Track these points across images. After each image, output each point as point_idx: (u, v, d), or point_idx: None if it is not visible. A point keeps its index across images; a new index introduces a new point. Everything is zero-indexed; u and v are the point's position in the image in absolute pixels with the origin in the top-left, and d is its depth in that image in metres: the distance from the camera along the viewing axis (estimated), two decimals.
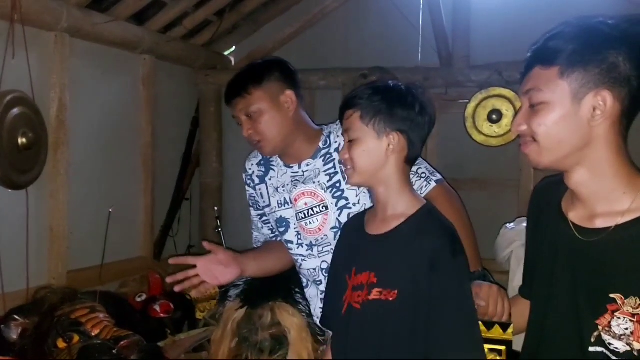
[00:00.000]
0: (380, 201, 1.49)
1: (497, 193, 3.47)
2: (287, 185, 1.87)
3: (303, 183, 1.84)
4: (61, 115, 2.66)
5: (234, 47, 4.00)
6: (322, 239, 1.83)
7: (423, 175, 1.78)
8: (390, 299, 1.36)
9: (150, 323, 2.60)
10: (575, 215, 1.23)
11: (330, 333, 1.81)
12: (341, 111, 1.51)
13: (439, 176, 1.82)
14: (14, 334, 1.95)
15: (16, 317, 1.97)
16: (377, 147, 1.44)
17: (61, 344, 1.89)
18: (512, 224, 2.61)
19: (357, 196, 1.80)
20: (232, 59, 4.01)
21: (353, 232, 1.56)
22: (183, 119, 3.77)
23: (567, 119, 1.17)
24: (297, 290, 1.99)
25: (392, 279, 1.38)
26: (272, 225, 1.99)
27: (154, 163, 3.33)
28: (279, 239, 1.97)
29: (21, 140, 2.34)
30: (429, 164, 1.85)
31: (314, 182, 1.83)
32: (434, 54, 3.35)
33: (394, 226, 1.43)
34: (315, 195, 1.83)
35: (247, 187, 2.01)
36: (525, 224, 2.45)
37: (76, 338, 1.90)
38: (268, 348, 1.88)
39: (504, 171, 3.49)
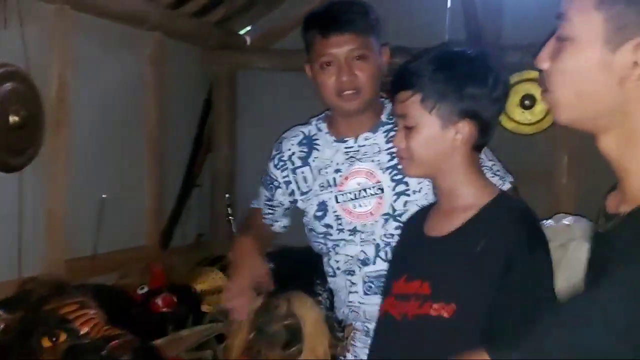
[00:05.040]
0: (444, 193, 1.32)
1: (528, 185, 3.26)
2: (340, 163, 1.66)
3: (359, 160, 1.64)
4: (62, 94, 2.51)
5: (249, 27, 3.84)
6: (370, 225, 1.63)
7: (498, 173, 1.60)
8: (445, 315, 1.16)
9: (151, 318, 2.47)
10: (609, 203, 0.98)
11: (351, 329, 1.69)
12: (394, 89, 1.30)
13: (511, 178, 1.66)
14: None
15: None
16: (441, 136, 1.25)
17: (46, 342, 1.72)
18: (549, 220, 2.39)
19: (419, 183, 1.59)
20: (248, 39, 3.84)
21: (411, 231, 1.39)
22: (193, 101, 3.63)
23: (592, 67, 0.88)
24: (318, 281, 1.84)
25: (451, 290, 1.19)
26: (280, 214, 1.87)
27: (162, 147, 3.19)
28: (308, 226, 1.78)
29: (12, 118, 2.19)
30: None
31: (372, 161, 1.62)
32: (462, 33, 3.17)
33: (458, 225, 1.25)
34: (371, 175, 1.63)
35: (274, 168, 1.77)
36: (565, 222, 2.26)
37: (63, 336, 1.72)
38: (280, 341, 1.76)
39: (536, 162, 3.30)
